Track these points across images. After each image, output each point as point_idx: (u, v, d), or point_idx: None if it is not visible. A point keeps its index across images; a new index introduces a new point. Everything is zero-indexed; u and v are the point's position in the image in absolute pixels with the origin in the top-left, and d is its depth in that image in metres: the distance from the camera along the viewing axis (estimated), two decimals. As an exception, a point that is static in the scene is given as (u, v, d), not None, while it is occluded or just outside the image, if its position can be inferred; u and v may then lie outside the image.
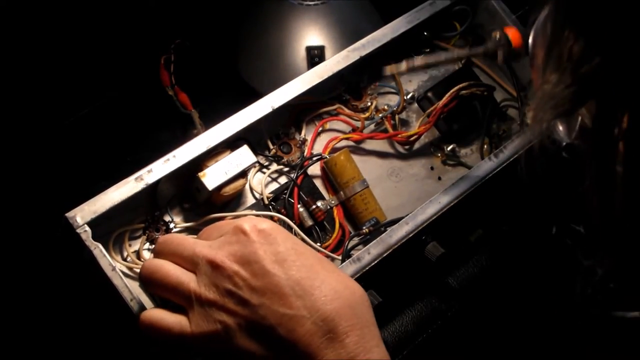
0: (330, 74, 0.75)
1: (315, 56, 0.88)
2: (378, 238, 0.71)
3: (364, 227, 0.75)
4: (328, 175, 0.78)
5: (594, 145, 0.45)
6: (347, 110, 0.81)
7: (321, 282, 0.54)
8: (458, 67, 0.87)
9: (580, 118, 0.47)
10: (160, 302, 0.62)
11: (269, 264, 0.54)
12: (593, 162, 0.45)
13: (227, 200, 0.73)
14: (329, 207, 0.76)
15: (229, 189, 0.70)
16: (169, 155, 0.68)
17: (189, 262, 0.57)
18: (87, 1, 0.88)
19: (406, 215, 0.73)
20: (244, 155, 0.71)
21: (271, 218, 0.73)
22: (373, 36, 0.78)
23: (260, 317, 0.53)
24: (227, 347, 0.54)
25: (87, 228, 0.63)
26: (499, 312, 0.84)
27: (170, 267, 0.57)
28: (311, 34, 0.89)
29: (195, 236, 0.62)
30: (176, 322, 0.56)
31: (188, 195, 0.72)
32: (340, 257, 0.73)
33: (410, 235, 0.72)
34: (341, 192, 0.77)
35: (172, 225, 0.71)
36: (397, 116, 0.82)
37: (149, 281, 0.58)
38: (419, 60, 0.76)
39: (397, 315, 0.78)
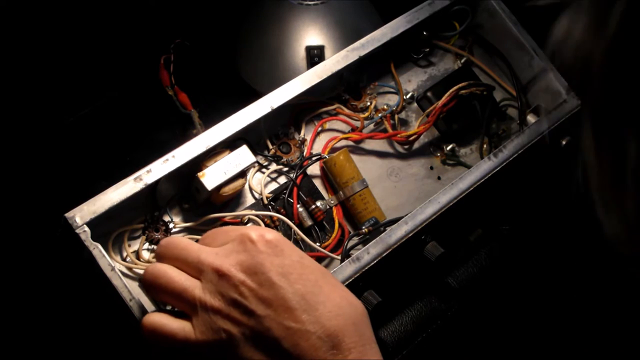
0: (329, 73, 0.75)
1: (314, 56, 0.88)
2: (377, 238, 0.71)
3: (364, 227, 0.75)
4: (327, 175, 0.78)
5: None
6: (346, 110, 0.81)
7: (325, 298, 0.54)
8: (457, 67, 0.87)
9: None
10: (161, 306, 0.62)
11: (275, 275, 0.54)
12: None
13: (226, 200, 0.73)
14: (328, 207, 0.77)
15: (228, 189, 0.70)
16: (168, 156, 0.68)
17: (194, 269, 0.57)
18: (87, 1, 0.88)
19: (405, 215, 0.73)
20: (243, 155, 0.71)
21: (271, 218, 0.73)
22: (372, 36, 0.78)
23: (266, 329, 0.53)
24: (230, 356, 0.54)
25: (87, 228, 0.63)
26: (499, 312, 0.84)
27: (174, 273, 0.57)
28: (311, 33, 0.89)
29: (199, 237, 0.62)
30: (180, 328, 0.55)
31: (187, 196, 0.72)
32: (339, 257, 0.73)
33: (410, 235, 0.72)
34: (340, 192, 0.77)
35: (171, 226, 0.71)
36: (396, 116, 0.82)
37: (152, 286, 0.58)
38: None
39: (397, 314, 0.78)
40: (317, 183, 0.78)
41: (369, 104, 0.82)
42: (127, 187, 0.65)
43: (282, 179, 0.77)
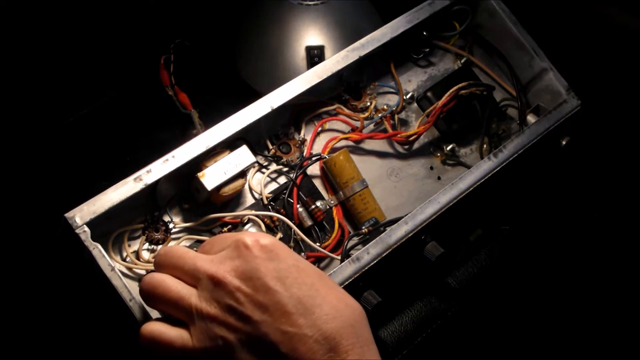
0: (329, 73, 0.75)
1: (314, 56, 0.88)
2: (377, 238, 0.71)
3: (364, 227, 0.75)
4: (327, 175, 0.78)
5: None
6: (346, 110, 0.81)
7: (322, 300, 0.54)
8: (457, 67, 0.87)
9: None
10: (160, 314, 0.62)
11: (270, 280, 0.54)
12: None
13: (226, 200, 0.73)
14: (328, 207, 0.77)
15: (228, 189, 0.70)
16: (168, 156, 0.68)
17: (190, 277, 0.56)
18: (87, 1, 0.88)
19: (405, 215, 0.73)
20: (243, 156, 0.71)
21: (270, 218, 0.73)
22: (372, 36, 0.78)
23: (263, 334, 0.53)
24: None
25: (86, 228, 0.63)
26: (499, 312, 0.84)
27: (171, 282, 0.57)
28: (311, 33, 0.89)
29: (200, 238, 0.62)
30: (178, 336, 0.55)
31: (187, 196, 0.72)
32: (339, 257, 0.73)
33: (410, 235, 0.72)
34: (340, 192, 0.77)
35: (171, 226, 0.71)
36: (396, 116, 0.82)
37: (149, 296, 0.57)
38: None
39: (397, 314, 0.78)
40: (317, 183, 0.78)
41: (369, 104, 0.82)
42: (127, 187, 0.65)
43: (282, 179, 0.77)
